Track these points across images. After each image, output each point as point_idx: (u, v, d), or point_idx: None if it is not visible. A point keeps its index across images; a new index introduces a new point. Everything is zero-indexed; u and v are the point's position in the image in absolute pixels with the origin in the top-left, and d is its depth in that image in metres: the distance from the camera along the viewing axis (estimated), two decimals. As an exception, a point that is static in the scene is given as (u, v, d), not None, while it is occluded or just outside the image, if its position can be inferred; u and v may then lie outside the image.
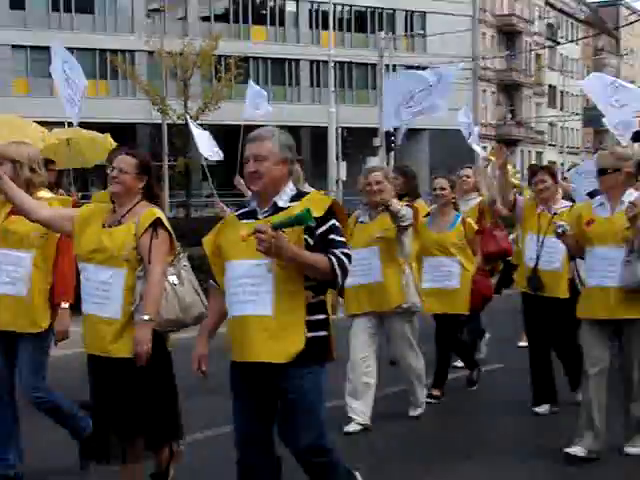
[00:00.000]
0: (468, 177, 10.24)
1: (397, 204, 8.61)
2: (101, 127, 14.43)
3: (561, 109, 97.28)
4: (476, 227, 10.58)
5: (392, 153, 51.50)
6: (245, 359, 5.35)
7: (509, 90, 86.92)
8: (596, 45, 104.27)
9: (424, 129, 66.45)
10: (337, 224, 5.33)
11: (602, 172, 7.73)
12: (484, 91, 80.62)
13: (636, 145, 14.10)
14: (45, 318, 6.74)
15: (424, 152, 69.08)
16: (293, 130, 58.53)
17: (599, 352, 7.58)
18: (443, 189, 10.20)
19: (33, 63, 59.00)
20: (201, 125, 17.02)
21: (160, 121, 49.47)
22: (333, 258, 5.15)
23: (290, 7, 69.46)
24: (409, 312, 8.86)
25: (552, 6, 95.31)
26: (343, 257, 5.22)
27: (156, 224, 5.97)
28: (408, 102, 13.36)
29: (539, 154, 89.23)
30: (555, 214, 9.26)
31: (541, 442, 8.49)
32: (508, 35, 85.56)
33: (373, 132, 54.53)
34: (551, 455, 7.86)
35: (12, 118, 16.61)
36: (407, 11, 73.85)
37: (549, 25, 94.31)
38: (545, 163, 77.83)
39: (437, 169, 31.28)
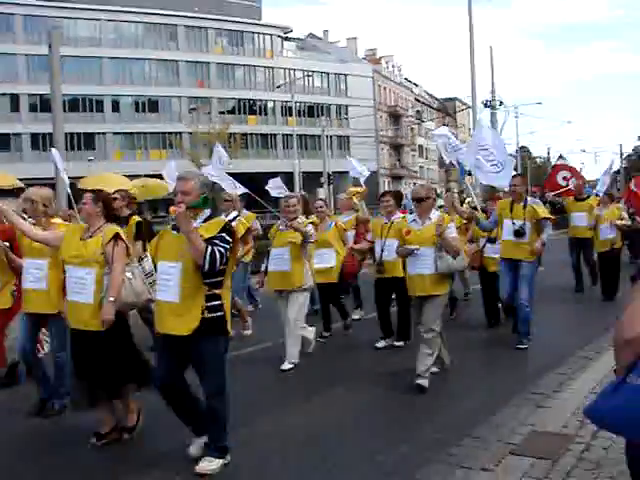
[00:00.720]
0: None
1: (304, 227, 8.11)
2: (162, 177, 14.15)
3: (426, 158, 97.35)
4: (344, 228, 10.12)
5: (331, 186, 52.69)
6: (163, 331, 4.94)
7: (397, 148, 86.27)
8: (444, 122, 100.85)
9: (348, 171, 71.03)
10: (226, 237, 4.79)
11: (419, 200, 7.23)
12: (382, 149, 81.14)
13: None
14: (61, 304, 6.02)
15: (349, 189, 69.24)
16: (272, 175, 63.20)
17: (419, 316, 7.11)
18: (321, 207, 9.91)
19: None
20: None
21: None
22: (209, 247, 4.64)
23: (270, 104, 70.08)
24: (305, 289, 8.35)
25: (418, 100, 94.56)
26: (217, 252, 4.67)
27: (116, 237, 5.49)
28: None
29: (414, 185, 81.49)
30: (392, 222, 8.88)
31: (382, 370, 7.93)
32: (395, 116, 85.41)
33: (320, 174, 55.00)
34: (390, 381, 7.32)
35: (109, 174, 15.41)
36: (337, 105, 75.04)
37: (417, 111, 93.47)
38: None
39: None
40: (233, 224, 9.24)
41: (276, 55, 71.04)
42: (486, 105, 40.17)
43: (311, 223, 8.48)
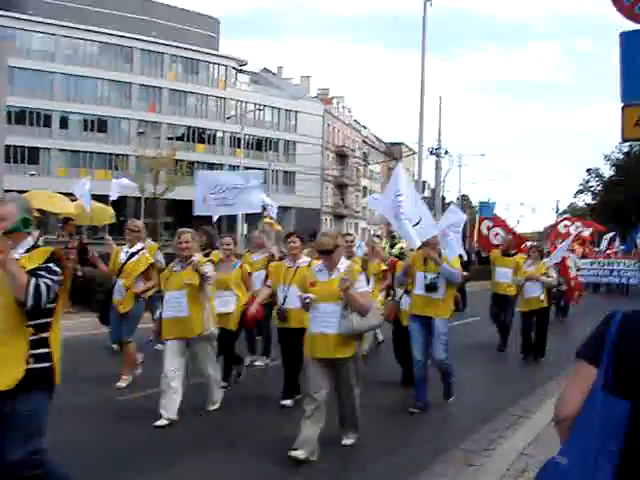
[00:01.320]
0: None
1: (201, 266, 7.33)
2: (105, 199, 13.59)
3: None
4: (250, 270, 9.40)
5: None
6: None
7: (341, 187, 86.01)
8: (388, 165, 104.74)
9: (291, 207, 68.36)
10: (53, 267, 4.00)
11: (326, 252, 6.34)
12: (327, 187, 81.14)
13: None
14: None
15: (291, 224, 69.03)
16: None
17: (320, 381, 6.20)
18: (228, 244, 9.00)
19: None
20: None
21: (140, 195, 51.58)
22: (33, 279, 3.83)
23: (219, 134, 70.33)
24: (208, 336, 7.55)
25: (365, 142, 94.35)
26: (42, 284, 3.86)
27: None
28: (217, 194, 11.10)
29: (356, 224, 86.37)
30: (298, 267, 7.91)
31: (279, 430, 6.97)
32: (342, 156, 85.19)
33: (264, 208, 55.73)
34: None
35: (52, 194, 15.00)
36: (286, 140, 75.33)
37: (364, 153, 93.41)
38: (359, 231, 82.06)
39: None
40: (122, 257, 8.99)
41: (229, 86, 71.61)
42: (432, 152, 41.23)
43: (210, 261, 7.80)
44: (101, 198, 14.01)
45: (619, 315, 2.35)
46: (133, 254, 9.05)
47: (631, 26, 6.24)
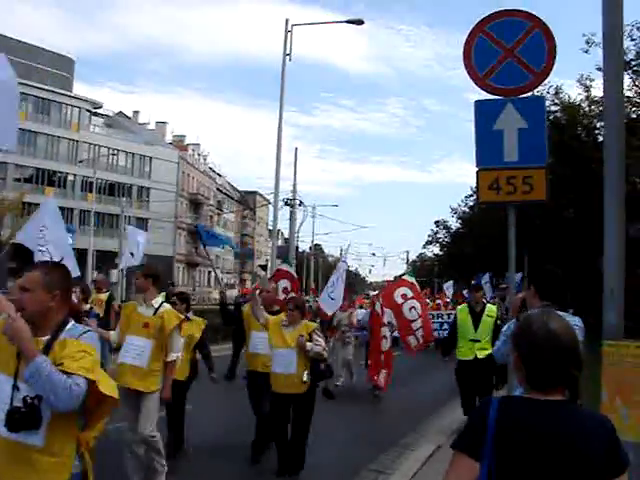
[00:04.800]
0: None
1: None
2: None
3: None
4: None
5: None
6: None
7: (194, 235, 77.60)
8: (242, 214, 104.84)
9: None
10: None
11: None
12: (180, 235, 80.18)
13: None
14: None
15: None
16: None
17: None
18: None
19: None
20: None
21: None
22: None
23: (70, 177, 67.82)
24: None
25: (220, 190, 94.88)
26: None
27: None
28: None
29: (209, 273, 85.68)
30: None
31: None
32: (196, 204, 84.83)
33: (115, 254, 50.78)
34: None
35: None
36: (140, 186, 73.97)
37: (218, 201, 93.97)
38: (212, 280, 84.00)
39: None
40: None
41: (82, 129, 69.69)
42: (286, 203, 41.72)
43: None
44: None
45: (495, 403, 2.34)
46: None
47: (484, 95, 6.72)
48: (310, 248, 77.35)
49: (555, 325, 2.38)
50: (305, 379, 7.48)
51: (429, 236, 63.06)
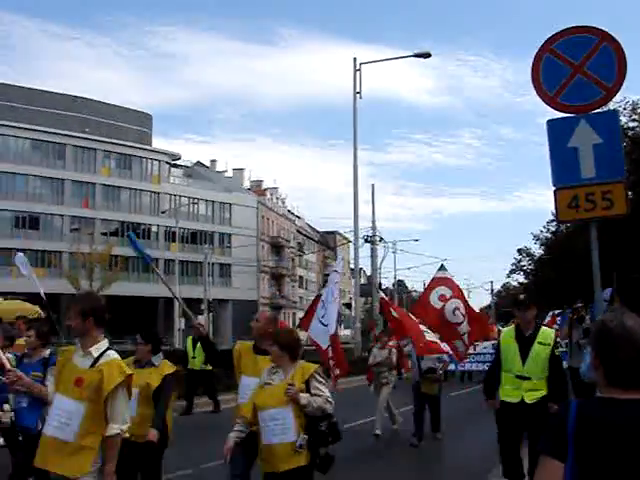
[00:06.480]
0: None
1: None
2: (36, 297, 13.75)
3: (306, 289, 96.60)
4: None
5: (212, 314, 53.04)
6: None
7: (277, 278, 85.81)
8: (324, 254, 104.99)
9: (228, 300, 70.38)
10: None
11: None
12: (263, 278, 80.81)
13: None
14: None
15: (229, 317, 69.75)
16: (153, 300, 62.57)
17: None
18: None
19: None
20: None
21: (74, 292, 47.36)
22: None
23: (154, 228, 69.79)
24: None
25: (300, 232, 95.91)
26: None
27: None
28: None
29: (294, 314, 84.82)
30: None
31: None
32: (277, 247, 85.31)
33: (200, 301, 53.76)
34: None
35: None
36: (221, 233, 75.54)
37: (299, 243, 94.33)
38: (297, 321, 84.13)
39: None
40: None
41: (163, 180, 71.91)
42: (367, 240, 41.71)
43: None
44: (35, 295, 13.80)
45: (574, 404, 2.36)
46: None
47: (556, 114, 6.67)
48: (393, 285, 76.76)
49: (631, 322, 2.38)
50: (300, 444, 5.06)
51: (513, 265, 61.84)
